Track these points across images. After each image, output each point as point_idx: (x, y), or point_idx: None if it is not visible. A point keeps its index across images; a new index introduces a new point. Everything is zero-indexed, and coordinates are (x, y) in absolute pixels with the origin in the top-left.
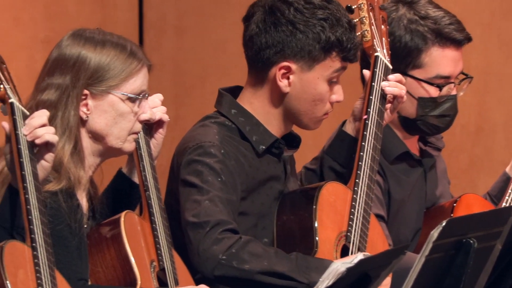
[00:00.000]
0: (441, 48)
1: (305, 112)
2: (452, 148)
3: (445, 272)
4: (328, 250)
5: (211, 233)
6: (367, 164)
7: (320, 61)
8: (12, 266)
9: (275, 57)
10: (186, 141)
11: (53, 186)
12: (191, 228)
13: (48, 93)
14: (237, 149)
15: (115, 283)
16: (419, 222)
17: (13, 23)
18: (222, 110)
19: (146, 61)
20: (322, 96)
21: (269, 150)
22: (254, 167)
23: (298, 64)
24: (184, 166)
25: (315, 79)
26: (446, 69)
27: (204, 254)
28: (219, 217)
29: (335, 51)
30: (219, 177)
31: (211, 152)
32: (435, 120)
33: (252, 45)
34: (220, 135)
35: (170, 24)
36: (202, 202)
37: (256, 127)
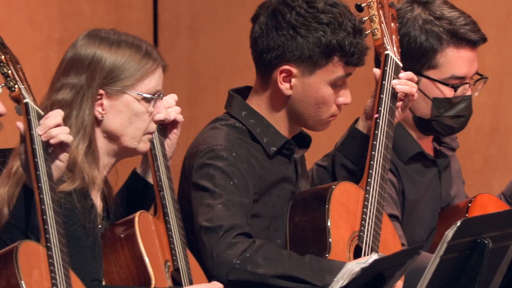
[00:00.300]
0: (456, 48)
1: (309, 115)
2: (467, 148)
3: (460, 272)
4: (341, 250)
5: (224, 238)
6: (379, 163)
7: (322, 66)
8: (27, 266)
9: (276, 61)
10: (197, 144)
11: (67, 186)
12: (204, 233)
13: (63, 92)
14: (248, 152)
15: (129, 283)
16: (434, 222)
17: (28, 24)
18: (233, 112)
19: (161, 61)
20: (326, 100)
21: (280, 151)
22: (266, 169)
23: (299, 68)
24: (196, 170)
25: (317, 83)
26: (461, 70)
27: (218, 258)
28: (232, 221)
29: (336, 55)
30: (231, 181)
31: (222, 156)
32: (449, 121)
33: (256, 47)
34: (231, 137)
35: (184, 25)
36: (215, 206)
37: (267, 129)
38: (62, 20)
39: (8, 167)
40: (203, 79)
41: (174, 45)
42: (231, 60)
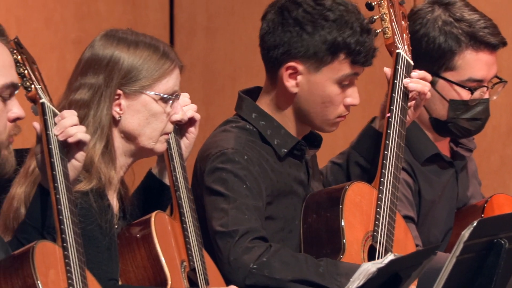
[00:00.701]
0: (474, 51)
1: (316, 114)
2: (483, 149)
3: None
4: (355, 251)
5: (240, 242)
6: (391, 162)
7: (327, 63)
8: (43, 266)
9: (283, 57)
10: (208, 147)
11: (84, 186)
12: (219, 238)
13: (81, 92)
14: (259, 154)
15: (145, 283)
16: (450, 222)
17: (44, 24)
18: (243, 114)
19: (178, 62)
20: (332, 99)
21: (291, 152)
22: (277, 171)
23: (305, 65)
24: (208, 174)
25: (323, 82)
26: (479, 73)
27: (235, 263)
28: (247, 225)
29: (342, 53)
30: (244, 184)
31: (234, 159)
32: (466, 123)
33: (263, 44)
34: (242, 140)
35: (201, 25)
36: (229, 211)
37: (277, 130)
38: (79, 20)
39: (25, 166)
40: (220, 79)
41: (190, 46)
42: (248, 60)
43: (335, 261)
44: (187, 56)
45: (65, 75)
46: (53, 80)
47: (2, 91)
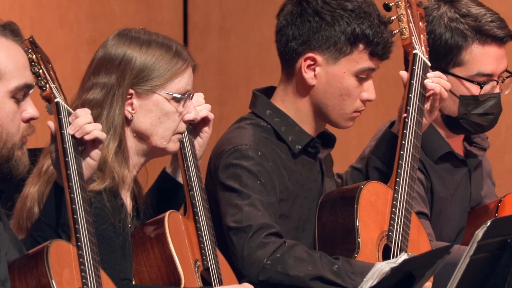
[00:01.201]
0: (481, 45)
1: (333, 107)
2: (497, 149)
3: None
4: (370, 250)
5: (254, 238)
6: (407, 162)
7: (346, 54)
8: (57, 266)
9: (301, 48)
10: (222, 144)
11: (97, 185)
12: (233, 233)
13: (93, 92)
14: (273, 151)
15: (159, 283)
16: (463, 221)
17: (59, 24)
18: (257, 111)
19: (191, 61)
20: (350, 92)
21: (305, 150)
22: (289, 169)
23: (323, 56)
24: (222, 170)
25: (341, 73)
26: (487, 67)
27: (249, 259)
28: (261, 221)
29: (361, 44)
30: (258, 180)
31: (248, 155)
32: (478, 119)
33: (281, 37)
34: (256, 136)
35: (215, 24)
36: (243, 206)
37: (292, 127)
38: (92, 20)
39: (39, 166)
40: (233, 79)
41: (204, 45)
42: (262, 60)
43: (349, 260)
44: (201, 56)
45: (79, 74)
46: (67, 79)
47: (15, 93)
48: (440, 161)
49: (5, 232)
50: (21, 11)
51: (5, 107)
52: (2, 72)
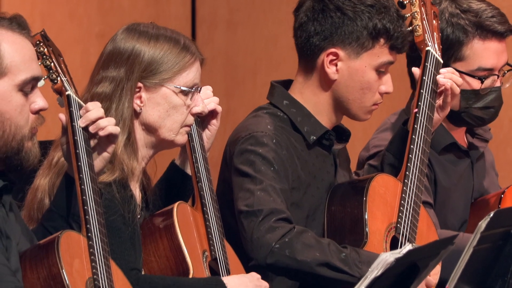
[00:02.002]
0: (482, 40)
1: (354, 101)
2: (499, 141)
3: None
4: (377, 241)
5: (264, 222)
6: (417, 157)
7: (368, 49)
8: (68, 256)
9: (323, 44)
10: (238, 131)
11: (107, 177)
12: (244, 217)
13: (102, 85)
14: (288, 140)
15: (167, 273)
16: (466, 212)
17: (69, 18)
18: (274, 101)
19: (198, 55)
20: (370, 85)
21: (320, 141)
22: (303, 159)
23: (345, 51)
24: (237, 156)
25: (363, 67)
26: (488, 62)
27: (258, 242)
28: (272, 206)
29: (382, 38)
30: (271, 167)
31: (263, 142)
32: (479, 112)
33: (302, 33)
34: (272, 125)
35: (222, 19)
36: (255, 191)
37: (307, 118)
38: (102, 14)
39: (49, 158)
40: (240, 72)
41: (212, 39)
42: (268, 54)
43: (357, 249)
44: (209, 49)
45: (89, 68)
46: (77, 73)
47: (23, 86)
48: (444, 152)
49: (16, 223)
50: (31, 6)
51: (13, 100)
52: (9, 66)
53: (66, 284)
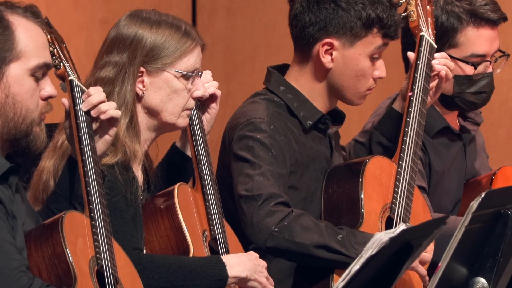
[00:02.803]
0: (475, 28)
1: (348, 87)
2: (491, 124)
3: (484, 242)
4: (373, 221)
5: (264, 206)
6: (411, 139)
7: (362, 37)
8: (72, 235)
9: (318, 34)
10: (237, 117)
11: (110, 159)
12: (244, 201)
13: (106, 70)
14: (285, 125)
15: (169, 252)
16: (459, 193)
17: (73, 5)
18: (271, 87)
19: (199, 41)
20: (364, 72)
21: (316, 125)
22: (300, 143)
23: (340, 41)
24: (236, 141)
25: (357, 55)
26: (481, 48)
27: (258, 225)
28: (271, 191)
29: (376, 27)
30: (269, 152)
31: (261, 128)
32: (471, 97)
33: (297, 23)
34: (269, 111)
35: (222, 5)
36: (254, 176)
37: (304, 103)
38: (105, 1)
39: (54, 141)
40: (240, 58)
41: (212, 25)
42: (267, 39)
43: (353, 230)
44: (209, 35)
45: (93, 54)
46: (81, 58)
47: (35, 71)
48: (437, 136)
49: (22, 204)
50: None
51: (25, 84)
52: (23, 51)
53: (69, 262)
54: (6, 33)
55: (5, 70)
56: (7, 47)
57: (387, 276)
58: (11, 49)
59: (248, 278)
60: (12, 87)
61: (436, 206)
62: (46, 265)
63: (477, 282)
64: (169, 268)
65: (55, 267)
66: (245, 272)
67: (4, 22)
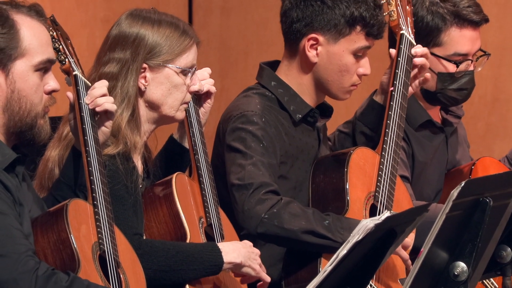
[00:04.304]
0: (458, 28)
1: (333, 82)
2: (470, 116)
3: (464, 228)
4: (358, 208)
5: (254, 194)
6: (393, 131)
7: (345, 35)
8: (76, 222)
9: (305, 29)
10: (230, 110)
11: (111, 150)
12: (236, 190)
13: (110, 66)
14: (276, 118)
15: (167, 237)
16: (441, 183)
17: (76, 4)
18: (263, 82)
19: (196, 39)
20: (348, 68)
21: (305, 119)
22: (290, 135)
23: (325, 37)
24: (229, 133)
25: (341, 52)
26: (463, 48)
27: (249, 213)
28: (261, 180)
29: (359, 25)
30: (261, 143)
31: (253, 120)
32: (453, 93)
33: (286, 19)
34: (261, 104)
35: (217, 5)
36: (246, 166)
37: (294, 98)
38: (107, 0)
39: (59, 132)
40: (233, 54)
41: (207, 24)
42: (259, 37)
43: (339, 216)
44: (204, 33)
45: (95, 50)
46: (84, 55)
47: (39, 67)
48: (420, 129)
49: (28, 192)
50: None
51: (29, 79)
52: (27, 48)
53: (74, 247)
54: (11, 32)
55: (11, 67)
56: (13, 45)
57: (373, 260)
58: (16, 47)
59: (242, 264)
60: (17, 82)
61: (419, 195)
62: (52, 250)
63: (457, 266)
64: (168, 253)
65: (60, 252)
66: (240, 258)
67: (9, 21)
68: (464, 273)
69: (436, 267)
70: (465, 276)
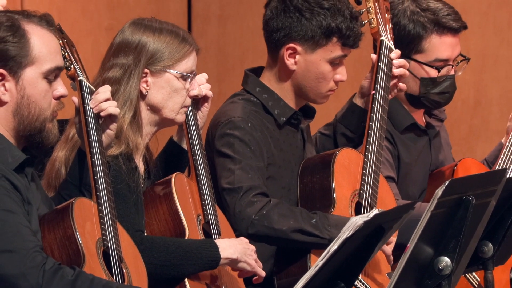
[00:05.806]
0: (439, 35)
1: (311, 88)
2: (453, 120)
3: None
4: (344, 206)
5: (244, 197)
6: (376, 132)
7: (322, 45)
8: (81, 219)
9: (284, 39)
10: (218, 116)
11: (114, 150)
12: (227, 193)
13: (113, 71)
14: (261, 122)
15: (167, 234)
16: (425, 183)
17: (81, 13)
18: (248, 88)
19: (195, 46)
20: (325, 75)
21: (289, 121)
22: (275, 138)
23: (302, 47)
24: (218, 139)
25: (318, 61)
26: (444, 54)
27: (239, 215)
28: (250, 183)
29: (335, 37)
30: (248, 147)
31: (240, 126)
32: (436, 97)
33: (267, 28)
34: (247, 110)
35: (214, 14)
36: (235, 170)
37: (277, 102)
38: (110, 10)
39: (65, 134)
40: (230, 60)
41: (205, 31)
42: (255, 44)
43: (326, 214)
44: (203, 41)
45: (99, 57)
46: (89, 61)
47: (48, 74)
48: (405, 132)
49: (37, 191)
50: (49, 2)
51: (39, 86)
52: (37, 56)
53: (79, 243)
54: (22, 41)
55: (21, 74)
56: (23, 53)
57: (362, 255)
58: (27, 55)
59: (239, 260)
60: (27, 89)
61: (405, 194)
62: (58, 246)
63: (441, 261)
64: (168, 249)
65: (66, 248)
66: (236, 254)
67: (20, 31)
68: (448, 267)
69: (421, 262)
70: (449, 270)
